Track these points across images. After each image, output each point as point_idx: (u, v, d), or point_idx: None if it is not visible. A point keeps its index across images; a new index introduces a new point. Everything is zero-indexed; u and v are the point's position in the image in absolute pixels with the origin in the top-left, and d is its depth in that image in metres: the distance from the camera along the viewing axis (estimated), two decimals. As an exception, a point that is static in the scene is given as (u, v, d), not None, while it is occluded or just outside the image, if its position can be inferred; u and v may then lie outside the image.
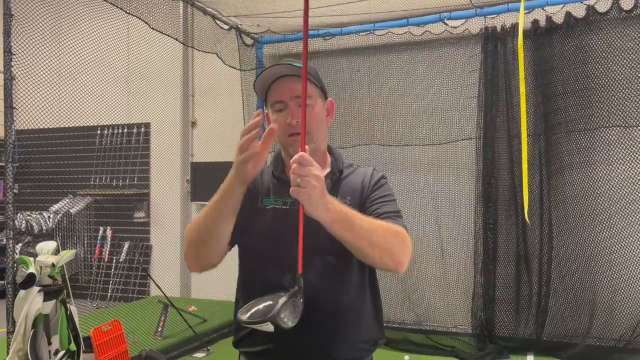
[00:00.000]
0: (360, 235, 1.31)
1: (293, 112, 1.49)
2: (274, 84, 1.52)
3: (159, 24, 4.48)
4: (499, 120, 4.93)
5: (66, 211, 6.73)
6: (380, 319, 1.59)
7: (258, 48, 5.94)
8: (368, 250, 1.34)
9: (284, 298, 1.24)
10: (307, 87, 1.46)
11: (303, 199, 1.23)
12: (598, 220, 4.65)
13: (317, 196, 1.23)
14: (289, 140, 1.52)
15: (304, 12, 1.26)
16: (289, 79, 1.50)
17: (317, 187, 1.22)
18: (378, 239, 1.34)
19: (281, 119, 1.51)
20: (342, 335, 1.48)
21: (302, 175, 1.21)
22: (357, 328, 1.50)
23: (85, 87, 6.21)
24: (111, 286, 6.71)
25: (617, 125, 4.63)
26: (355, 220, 1.32)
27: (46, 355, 3.17)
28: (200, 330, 4.89)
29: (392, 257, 1.37)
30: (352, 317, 1.49)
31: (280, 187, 1.57)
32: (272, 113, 1.55)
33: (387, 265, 1.38)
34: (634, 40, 4.59)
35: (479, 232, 4.90)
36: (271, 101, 1.54)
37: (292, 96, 1.49)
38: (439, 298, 5.14)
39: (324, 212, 1.26)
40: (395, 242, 1.38)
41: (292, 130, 1.49)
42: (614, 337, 4.51)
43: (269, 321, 1.21)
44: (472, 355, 4.51)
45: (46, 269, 3.18)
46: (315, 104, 1.53)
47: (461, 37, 5.15)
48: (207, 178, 6.35)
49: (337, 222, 1.29)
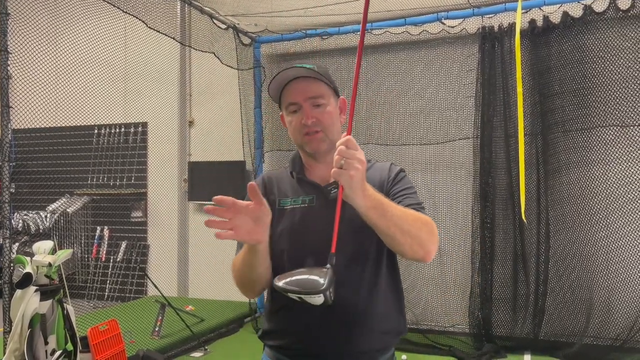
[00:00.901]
0: (393, 222, 1.34)
1: (307, 112, 1.54)
2: (288, 87, 1.57)
3: (156, 23, 4.47)
4: (496, 120, 4.94)
5: (63, 211, 6.71)
6: (402, 311, 1.61)
7: (255, 47, 5.94)
8: (400, 238, 1.36)
9: (330, 272, 1.24)
10: (320, 87, 1.56)
11: (345, 180, 1.24)
12: (595, 220, 4.66)
13: (358, 180, 1.25)
14: (305, 139, 1.57)
15: (364, 10, 1.29)
16: (302, 80, 1.55)
17: (360, 171, 1.25)
18: (409, 227, 1.36)
19: (296, 119, 1.57)
20: (366, 326, 1.50)
21: (346, 158, 1.24)
22: (380, 319, 1.52)
23: (82, 86, 6.20)
24: (108, 286, 6.70)
25: (613, 124, 4.65)
26: (389, 208, 1.35)
27: (43, 355, 3.17)
28: (198, 329, 4.89)
29: (421, 245, 1.39)
30: (375, 308, 1.52)
31: (299, 187, 1.62)
32: (287, 115, 1.61)
33: (417, 254, 1.40)
34: (631, 40, 4.60)
35: (477, 232, 4.91)
36: (285, 103, 1.60)
37: (306, 97, 1.55)
38: (436, 297, 5.15)
39: (361, 197, 1.28)
40: (425, 230, 1.41)
41: (307, 129, 1.55)
42: (611, 336, 4.52)
43: (322, 293, 1.21)
44: (470, 355, 4.52)
45: (43, 268, 3.17)
46: (328, 103, 1.58)
47: (458, 37, 5.15)
48: (205, 177, 6.35)
49: (372, 208, 1.31)
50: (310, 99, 1.55)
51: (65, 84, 5.21)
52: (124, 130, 6.80)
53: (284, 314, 1.55)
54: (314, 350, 1.51)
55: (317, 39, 5.64)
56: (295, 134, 1.58)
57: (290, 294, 1.24)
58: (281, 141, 5.93)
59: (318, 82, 1.57)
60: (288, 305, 1.50)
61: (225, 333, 5.26)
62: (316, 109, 1.55)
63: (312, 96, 1.54)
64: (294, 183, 1.63)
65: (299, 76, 1.55)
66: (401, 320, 1.60)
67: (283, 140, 5.92)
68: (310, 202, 1.56)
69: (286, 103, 1.59)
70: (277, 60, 6.03)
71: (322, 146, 1.56)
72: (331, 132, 1.57)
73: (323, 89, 1.57)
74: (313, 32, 5.57)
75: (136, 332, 4.60)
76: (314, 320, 1.48)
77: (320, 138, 1.55)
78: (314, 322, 1.48)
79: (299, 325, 1.52)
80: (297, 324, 1.52)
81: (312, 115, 1.53)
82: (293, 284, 1.23)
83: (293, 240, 1.52)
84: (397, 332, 1.59)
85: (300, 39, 5.71)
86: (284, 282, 1.24)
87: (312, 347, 1.51)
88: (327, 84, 1.59)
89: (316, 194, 1.58)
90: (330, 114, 1.58)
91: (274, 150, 5.98)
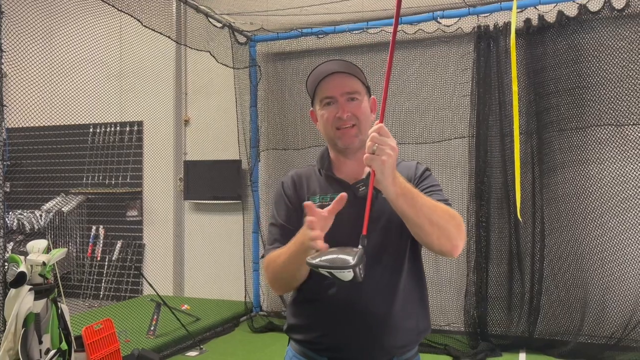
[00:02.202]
0: (422, 212, 1.35)
1: (343, 106, 1.55)
2: (324, 81, 1.58)
3: (151, 22, 4.46)
4: (492, 119, 4.95)
5: (58, 210, 6.69)
6: (426, 309, 1.63)
7: (251, 46, 5.93)
8: (428, 229, 1.37)
9: (361, 252, 1.26)
10: (355, 84, 1.58)
11: (377, 165, 1.26)
12: (590, 218, 4.68)
13: (390, 165, 1.27)
14: (338, 134, 1.57)
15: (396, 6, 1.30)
16: (338, 75, 1.56)
17: (392, 157, 1.27)
18: (438, 218, 1.37)
19: (329, 112, 1.57)
20: (389, 323, 1.51)
21: (379, 144, 1.26)
22: (404, 316, 1.54)
23: (77, 85, 6.17)
24: (103, 285, 6.68)
25: (608, 123, 4.66)
26: (419, 197, 1.36)
27: (37, 354, 3.16)
28: (193, 329, 4.88)
29: (449, 238, 1.40)
30: (399, 305, 1.53)
31: (327, 184, 1.62)
32: (321, 108, 1.61)
33: (444, 247, 1.41)
34: (626, 39, 4.61)
35: (472, 230, 4.91)
36: (320, 97, 1.60)
37: (343, 92, 1.56)
38: (431, 296, 5.09)
39: (391, 184, 1.30)
40: (453, 224, 1.41)
41: (341, 123, 1.56)
42: (606, 335, 4.53)
43: (351, 268, 1.23)
44: (465, 353, 4.53)
45: (37, 267, 3.16)
46: (362, 100, 1.59)
47: (454, 36, 5.16)
48: (200, 176, 6.34)
49: (402, 195, 1.32)
50: (346, 94, 1.56)
51: (60, 82, 5.18)
52: (119, 129, 6.79)
53: (309, 309, 1.57)
54: (338, 345, 1.53)
55: (313, 38, 5.64)
56: (328, 127, 1.58)
57: (321, 270, 1.26)
58: (277, 140, 5.93)
59: (354, 79, 1.58)
60: (313, 299, 1.54)
61: (221, 332, 5.26)
62: (351, 104, 1.56)
63: (348, 91, 1.56)
64: (322, 180, 1.64)
65: (336, 71, 1.56)
66: (425, 319, 1.61)
67: (279, 139, 5.91)
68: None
69: (321, 96, 1.59)
70: (273, 59, 6.03)
71: (355, 141, 1.57)
72: (364, 128, 1.57)
73: (358, 86, 1.59)
74: (309, 31, 5.57)
75: (131, 331, 4.59)
76: (339, 316, 1.50)
77: (354, 133, 1.56)
78: (339, 318, 1.50)
79: (324, 321, 1.53)
80: (322, 320, 1.54)
81: (348, 110, 1.55)
82: (325, 260, 1.26)
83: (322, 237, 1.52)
84: (421, 329, 1.60)
85: (296, 38, 5.70)
86: (317, 260, 1.27)
87: (337, 342, 1.53)
88: (362, 81, 1.61)
89: (344, 191, 1.56)
90: (365, 110, 1.59)
91: (269, 149, 5.98)
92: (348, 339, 1.51)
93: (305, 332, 1.58)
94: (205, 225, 6.45)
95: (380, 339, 1.51)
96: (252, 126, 5.95)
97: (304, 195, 1.61)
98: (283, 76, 5.92)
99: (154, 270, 6.18)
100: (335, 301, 1.50)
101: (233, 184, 6.14)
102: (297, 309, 1.62)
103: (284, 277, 1.53)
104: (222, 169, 6.20)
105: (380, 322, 1.50)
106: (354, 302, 1.48)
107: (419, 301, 1.60)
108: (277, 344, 4.79)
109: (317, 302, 1.54)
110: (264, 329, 5.34)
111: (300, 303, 1.60)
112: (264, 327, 5.36)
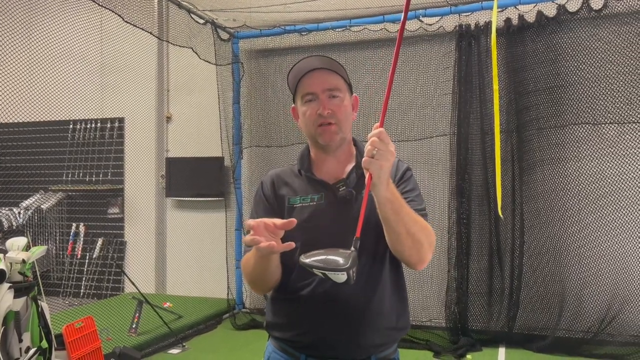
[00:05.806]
0: (403, 222, 1.38)
1: (324, 103, 1.55)
2: (305, 77, 1.57)
3: (133, 17, 4.42)
4: (473, 117, 5.01)
5: (37, 207, 6.60)
6: (405, 307, 1.64)
7: (234, 43, 5.92)
8: (404, 239, 1.40)
9: (354, 254, 1.28)
10: (337, 80, 1.56)
11: (375, 170, 1.28)
12: (568, 215, 4.77)
13: (387, 170, 1.29)
14: (319, 130, 1.57)
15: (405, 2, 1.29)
16: (320, 72, 1.56)
17: (390, 162, 1.29)
18: (415, 231, 1.40)
19: (311, 109, 1.56)
20: (370, 321, 1.52)
21: (379, 149, 1.27)
22: (384, 314, 1.55)
23: (57, 80, 6.08)
24: (84, 283, 6.61)
25: (586, 122, 4.75)
26: (403, 207, 1.39)
27: (17, 352, 3.12)
28: (176, 326, 4.86)
29: (419, 252, 1.44)
30: (380, 303, 1.54)
31: (308, 185, 1.61)
32: (302, 105, 1.60)
33: (412, 258, 1.45)
34: (603, 40, 4.70)
35: (453, 227, 4.97)
36: (302, 93, 1.59)
37: (324, 88, 1.55)
38: (413, 292, 5.19)
39: (385, 188, 1.32)
40: (427, 241, 1.44)
41: (322, 120, 1.55)
42: (583, 329, 4.63)
43: (345, 271, 1.25)
44: (446, 348, 4.58)
45: (16, 265, 3.13)
46: (344, 97, 1.59)
47: (436, 35, 5.21)
48: (183, 173, 6.30)
49: (390, 201, 1.35)
50: (327, 91, 1.55)
51: (40, 78, 5.11)
52: (100, 125, 6.72)
53: (288, 308, 1.58)
54: (316, 343, 1.53)
55: (296, 35, 5.64)
56: (309, 124, 1.57)
57: (315, 270, 1.28)
58: (260, 137, 5.92)
59: (336, 75, 1.57)
60: (291, 298, 1.54)
61: (204, 330, 5.25)
62: (333, 100, 1.56)
63: (329, 88, 1.55)
64: (302, 181, 1.63)
65: (317, 67, 1.55)
66: (405, 316, 1.63)
67: (262, 137, 5.91)
68: (319, 200, 1.57)
69: (303, 93, 1.58)
70: (256, 56, 6.02)
71: (335, 139, 1.57)
72: (345, 126, 1.58)
73: (340, 83, 1.58)
74: (292, 28, 5.57)
75: (113, 329, 4.55)
76: (317, 313, 1.51)
77: (334, 130, 1.56)
78: (317, 316, 1.51)
79: (302, 319, 1.54)
80: (300, 318, 1.54)
81: (329, 107, 1.54)
82: (319, 261, 1.28)
83: (303, 238, 1.51)
84: (400, 327, 1.61)
85: (279, 35, 5.70)
86: (311, 260, 1.28)
87: (315, 340, 1.53)
88: (344, 78, 1.60)
89: (324, 192, 1.58)
90: (346, 107, 1.59)
91: (252, 146, 5.97)
92: (326, 337, 1.51)
93: (284, 330, 1.59)
94: (187, 223, 6.42)
95: (357, 337, 1.51)
96: (235, 123, 5.94)
97: (283, 196, 1.61)
98: (266, 73, 5.92)
99: (135, 267, 6.14)
100: (313, 298, 1.51)
101: (215, 181, 6.12)
102: (276, 307, 1.62)
103: (256, 279, 1.54)
104: (205, 166, 6.18)
105: (358, 320, 1.51)
106: (333, 300, 1.48)
107: (398, 299, 1.61)
108: (259, 341, 4.79)
109: (294, 301, 1.54)
110: (246, 326, 5.34)
111: (279, 301, 1.61)
112: (246, 325, 5.37)
